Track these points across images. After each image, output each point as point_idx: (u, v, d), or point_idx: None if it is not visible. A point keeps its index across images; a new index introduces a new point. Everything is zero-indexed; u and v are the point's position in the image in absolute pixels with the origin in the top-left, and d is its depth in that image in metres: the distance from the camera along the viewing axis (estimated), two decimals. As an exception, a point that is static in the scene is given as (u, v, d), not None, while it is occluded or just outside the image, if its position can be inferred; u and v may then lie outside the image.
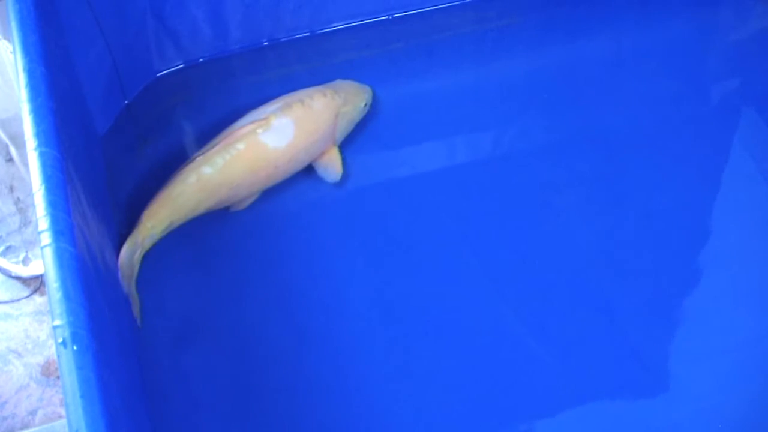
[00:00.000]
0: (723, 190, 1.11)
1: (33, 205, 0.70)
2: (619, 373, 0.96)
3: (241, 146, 1.02)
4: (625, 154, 1.14)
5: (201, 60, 1.19)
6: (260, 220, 1.06)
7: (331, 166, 1.09)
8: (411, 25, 1.24)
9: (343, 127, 1.10)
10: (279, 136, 1.03)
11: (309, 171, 1.09)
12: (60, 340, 0.64)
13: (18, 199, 1.12)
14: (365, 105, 1.13)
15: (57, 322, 0.65)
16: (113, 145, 1.10)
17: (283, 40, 1.21)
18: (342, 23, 1.23)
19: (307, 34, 1.22)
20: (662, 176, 1.11)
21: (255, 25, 1.18)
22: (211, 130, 1.08)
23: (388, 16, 1.24)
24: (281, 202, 1.07)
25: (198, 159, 1.01)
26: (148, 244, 0.99)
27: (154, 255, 1.00)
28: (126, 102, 1.14)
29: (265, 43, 1.21)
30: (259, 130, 1.03)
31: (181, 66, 1.18)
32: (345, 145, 1.11)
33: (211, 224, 1.05)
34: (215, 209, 1.04)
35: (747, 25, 1.31)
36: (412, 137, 1.13)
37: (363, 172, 1.10)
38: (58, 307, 0.65)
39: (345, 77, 1.14)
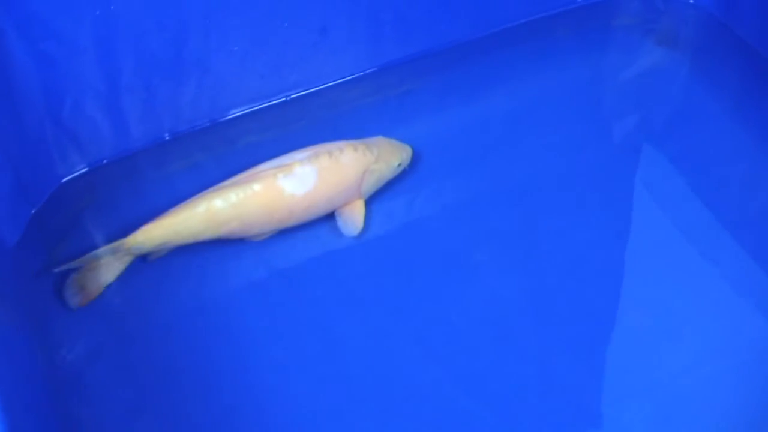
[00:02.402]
0: (635, 227, 1.12)
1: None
2: (555, 420, 0.96)
3: (257, 187, 1.04)
4: (536, 203, 1.15)
5: (105, 161, 1.18)
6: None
7: (353, 219, 1.10)
8: (310, 103, 1.25)
9: (372, 184, 1.11)
10: (298, 184, 1.05)
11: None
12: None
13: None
14: (399, 165, 1.14)
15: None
16: (23, 256, 1.08)
17: (184, 131, 1.21)
18: (241, 109, 1.23)
19: (208, 123, 1.22)
20: (574, 220, 1.13)
21: (154, 120, 1.18)
22: (123, 229, 1.07)
23: (286, 97, 1.25)
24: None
25: (213, 192, 1.04)
26: (133, 252, 1.05)
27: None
28: (33, 211, 1.13)
29: (167, 137, 1.21)
30: (280, 175, 1.05)
31: (85, 169, 1.17)
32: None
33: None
34: (227, 239, 1.07)
35: (637, 63, 1.34)
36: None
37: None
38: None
39: (250, 161, 1.13)
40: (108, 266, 1.05)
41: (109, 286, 1.06)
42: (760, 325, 1.02)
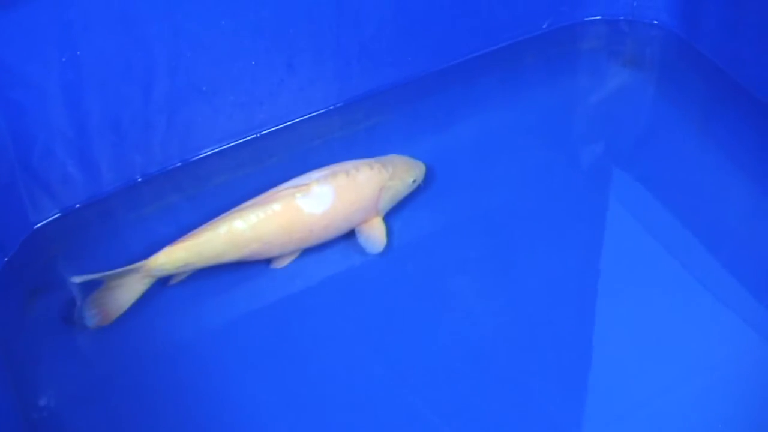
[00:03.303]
0: (610, 247, 1.12)
1: None
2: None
3: (276, 207, 1.05)
4: (510, 229, 1.15)
5: (77, 206, 1.18)
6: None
7: (374, 236, 1.11)
8: (281, 139, 1.26)
9: (388, 200, 1.13)
10: (317, 203, 1.06)
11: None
12: None
13: None
14: (414, 181, 1.15)
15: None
16: (-1, 306, 1.08)
17: (156, 173, 1.21)
18: (212, 148, 1.24)
19: (179, 163, 1.22)
20: (550, 244, 1.13)
21: (126, 163, 1.18)
22: (97, 273, 1.07)
23: (256, 134, 1.26)
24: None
25: (233, 213, 1.05)
26: (153, 275, 1.05)
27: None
28: (6, 259, 1.12)
29: (139, 179, 1.21)
30: (298, 194, 1.06)
31: (58, 215, 1.17)
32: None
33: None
34: (248, 260, 1.08)
35: (604, 86, 1.36)
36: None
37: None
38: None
39: (223, 200, 1.14)
40: (128, 287, 1.05)
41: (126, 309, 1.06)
42: (742, 337, 1.02)
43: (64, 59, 1.07)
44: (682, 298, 1.07)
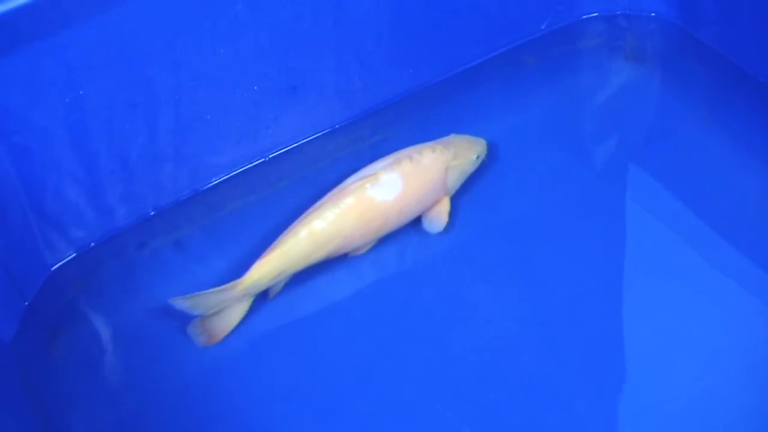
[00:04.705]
0: (630, 244, 1.12)
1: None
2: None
3: (350, 200, 1.08)
4: (527, 232, 1.15)
5: (92, 244, 1.18)
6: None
7: (437, 217, 1.14)
8: (289, 162, 1.26)
9: (456, 179, 1.16)
10: (387, 190, 1.09)
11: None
12: None
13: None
14: (477, 157, 1.18)
15: None
16: (23, 350, 1.08)
17: (167, 205, 1.22)
18: (222, 176, 1.24)
19: (191, 194, 1.23)
20: (570, 247, 1.13)
21: (137, 197, 1.19)
22: (118, 311, 1.07)
23: (265, 158, 1.26)
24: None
25: (310, 215, 1.07)
26: (251, 292, 1.06)
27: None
28: (26, 303, 1.13)
29: (152, 213, 1.21)
30: (368, 185, 1.08)
31: (74, 255, 1.18)
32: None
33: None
34: (331, 257, 1.10)
35: (608, 83, 1.35)
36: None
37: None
38: None
39: (236, 227, 1.15)
40: (229, 309, 1.06)
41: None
42: (765, 324, 1.02)
43: (67, 100, 1.07)
44: (705, 287, 1.06)
